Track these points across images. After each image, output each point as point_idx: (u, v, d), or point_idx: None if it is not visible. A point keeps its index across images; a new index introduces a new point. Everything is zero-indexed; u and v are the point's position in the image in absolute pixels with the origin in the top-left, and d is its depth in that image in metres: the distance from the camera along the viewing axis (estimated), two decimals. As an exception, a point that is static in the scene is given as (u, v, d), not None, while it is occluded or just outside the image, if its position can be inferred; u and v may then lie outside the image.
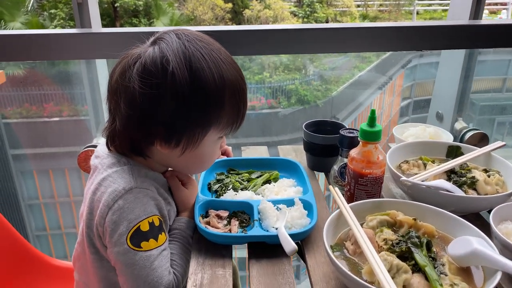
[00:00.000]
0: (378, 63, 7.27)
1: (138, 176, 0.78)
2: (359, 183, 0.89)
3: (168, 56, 0.71)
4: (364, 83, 7.30)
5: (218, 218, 0.87)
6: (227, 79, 0.74)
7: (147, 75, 0.70)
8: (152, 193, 0.78)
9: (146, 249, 0.74)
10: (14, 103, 3.46)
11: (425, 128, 1.18)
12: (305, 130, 1.09)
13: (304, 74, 8.10)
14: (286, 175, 1.05)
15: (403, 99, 7.17)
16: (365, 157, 0.88)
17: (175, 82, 0.70)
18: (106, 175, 0.77)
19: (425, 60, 6.84)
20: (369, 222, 0.80)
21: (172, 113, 0.72)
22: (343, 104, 6.96)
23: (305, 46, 1.30)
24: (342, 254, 0.75)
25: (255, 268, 0.78)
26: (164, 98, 0.71)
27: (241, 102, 0.78)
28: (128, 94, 0.72)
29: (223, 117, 0.77)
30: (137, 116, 0.73)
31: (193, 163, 0.83)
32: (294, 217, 0.85)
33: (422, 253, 0.71)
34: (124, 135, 0.77)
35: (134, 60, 0.73)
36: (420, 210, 0.82)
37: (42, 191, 3.55)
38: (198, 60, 0.72)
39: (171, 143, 0.76)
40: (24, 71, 3.02)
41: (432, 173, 0.93)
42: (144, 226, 0.74)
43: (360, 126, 0.88)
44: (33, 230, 3.57)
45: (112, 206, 0.73)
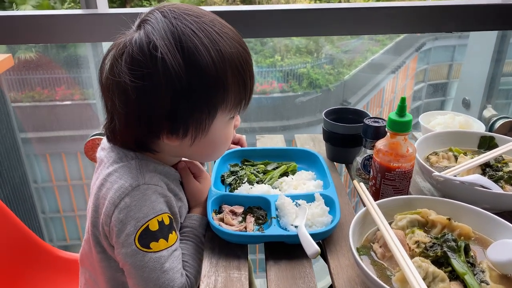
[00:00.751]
0: (391, 46, 7.10)
1: (147, 171, 0.71)
2: (386, 177, 0.82)
3: (155, 41, 0.62)
4: (377, 67, 7.14)
5: (232, 215, 0.81)
6: (226, 53, 0.65)
7: (136, 66, 0.63)
8: (161, 189, 0.71)
9: (155, 250, 0.68)
10: (25, 87, 3.43)
11: (454, 116, 1.10)
12: (325, 118, 1.02)
13: (316, 58, 7.94)
14: (305, 167, 0.97)
15: (416, 83, 7.01)
16: (393, 149, 0.81)
17: (167, 68, 0.62)
18: (112, 170, 0.71)
19: (440, 43, 6.66)
20: (398, 221, 0.73)
21: (172, 103, 0.64)
22: (355, 88, 6.83)
23: (320, 28, 1.22)
24: (370, 257, 0.68)
25: (273, 271, 0.72)
26: (160, 88, 0.63)
27: (246, 76, 0.69)
28: (121, 90, 0.64)
29: (229, 96, 0.68)
30: (135, 112, 0.66)
31: (208, 149, 0.76)
32: (314, 214, 0.78)
33: (460, 258, 0.64)
34: (126, 134, 0.71)
35: (121, 51, 0.65)
36: (455, 209, 0.75)
37: (54, 174, 3.55)
38: (190, 37, 0.63)
39: (178, 134, 0.68)
40: (36, 54, 2.98)
41: (466, 167, 0.85)
42: (153, 225, 0.68)
43: (388, 115, 0.80)
44: (48, 213, 3.59)
45: (118, 204, 0.67)
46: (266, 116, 4.34)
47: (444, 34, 5.01)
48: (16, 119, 2.43)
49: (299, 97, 6.02)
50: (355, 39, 7.24)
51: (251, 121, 3.50)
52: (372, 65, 7.20)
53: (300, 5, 1.30)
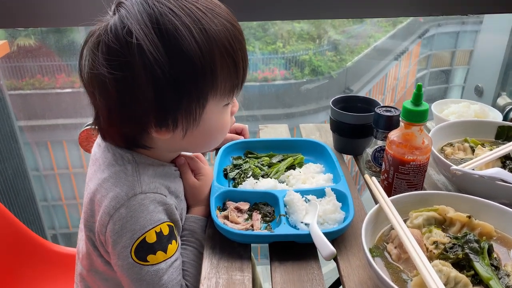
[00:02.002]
0: (394, 32, 6.99)
1: (144, 176, 0.65)
2: (400, 171, 0.76)
3: (129, 25, 0.56)
4: (379, 53, 7.05)
5: (237, 212, 0.75)
6: (212, 31, 0.58)
7: (113, 55, 0.56)
8: (160, 197, 0.65)
9: (153, 262, 0.63)
10: (26, 74, 3.37)
11: (469, 104, 1.03)
12: (333, 107, 0.96)
13: (318, 44, 7.83)
14: (312, 159, 0.92)
15: (419, 70, 6.92)
16: (407, 141, 0.75)
17: (145, 55, 0.55)
18: (107, 176, 0.65)
19: (443, 29, 6.55)
20: (414, 219, 0.68)
21: (155, 93, 0.58)
22: (357, 75, 6.75)
23: (325, 11, 1.15)
24: (384, 259, 0.63)
25: (279, 273, 0.66)
26: (139, 78, 0.57)
27: (238, 56, 0.62)
28: (101, 84, 0.59)
29: (219, 81, 0.62)
30: (117, 107, 0.60)
31: (203, 140, 0.70)
32: (326, 211, 0.73)
33: (483, 261, 0.58)
34: (112, 131, 0.65)
35: (97, 40, 0.58)
36: (475, 205, 0.69)
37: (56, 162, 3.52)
38: (168, 18, 0.56)
39: (168, 126, 0.62)
40: (35, 42, 2.92)
41: (485, 160, 0.79)
42: (151, 237, 0.63)
43: (403, 104, 0.74)
44: (49, 200, 3.57)
45: (113, 214, 0.62)
46: (268, 104, 4.28)
47: (448, 20, 4.92)
48: (14, 107, 2.38)
49: (304, 84, 5.94)
50: (358, 25, 7.14)
51: (253, 109, 3.44)
52: (375, 52, 7.10)
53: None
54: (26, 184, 2.47)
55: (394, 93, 7.49)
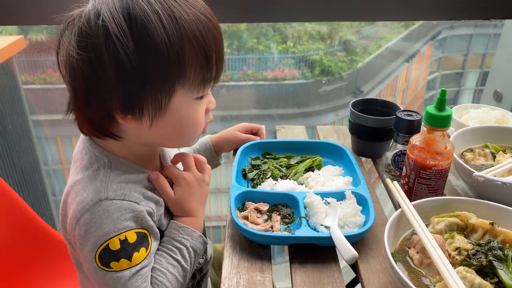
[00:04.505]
0: (406, 34, 6.94)
1: (114, 182, 0.65)
2: (421, 176, 0.76)
3: (100, 9, 0.57)
4: (390, 55, 7.00)
5: (257, 212, 0.76)
6: (182, 20, 0.58)
7: (83, 37, 0.58)
8: (128, 204, 0.64)
9: (116, 269, 0.63)
10: (38, 69, 3.39)
11: (490, 110, 1.03)
12: (352, 109, 0.95)
13: (329, 45, 7.81)
14: (331, 162, 0.92)
15: (431, 72, 6.87)
16: (429, 146, 0.75)
17: (110, 38, 0.56)
18: (79, 179, 0.65)
19: (456, 32, 6.48)
20: (436, 225, 0.68)
21: (118, 75, 0.58)
22: (368, 76, 6.72)
23: (335, 13, 1.14)
24: (405, 264, 0.63)
25: (299, 275, 0.67)
26: (103, 59, 0.57)
27: (209, 48, 0.61)
28: (69, 65, 0.60)
29: (187, 71, 0.61)
30: (82, 88, 0.60)
31: (172, 133, 0.67)
32: (346, 214, 0.73)
33: (508, 269, 0.58)
34: (80, 116, 0.64)
35: (72, 25, 0.60)
36: (497, 212, 0.69)
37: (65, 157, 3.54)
38: (139, 4, 0.57)
39: (134, 113, 0.61)
40: (47, 36, 2.94)
41: (508, 167, 0.79)
42: (114, 244, 0.62)
43: (426, 108, 0.74)
44: (57, 195, 3.60)
45: (79, 219, 0.62)
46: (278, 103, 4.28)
47: (461, 23, 4.87)
48: (27, 102, 2.40)
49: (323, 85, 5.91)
50: (370, 26, 7.11)
51: (262, 108, 3.43)
52: (386, 53, 7.05)
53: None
54: (39, 180, 2.49)
55: (405, 95, 7.43)
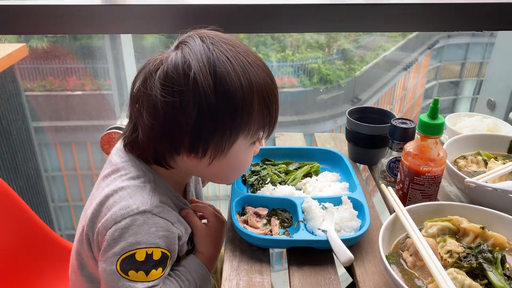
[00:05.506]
0: (403, 43, 7.01)
1: (159, 200, 0.70)
2: (415, 182, 0.78)
3: (190, 61, 0.64)
4: (388, 64, 7.06)
5: (256, 217, 0.78)
6: (256, 82, 0.67)
7: (169, 82, 0.64)
8: (165, 223, 0.69)
9: (131, 279, 0.66)
10: (37, 76, 3.43)
11: (482, 118, 1.06)
12: (349, 117, 0.98)
13: (327, 53, 7.87)
14: (328, 168, 0.95)
15: (428, 81, 6.92)
16: (423, 152, 0.77)
17: (197, 88, 0.63)
18: (126, 185, 0.69)
19: (453, 41, 6.55)
20: (429, 229, 0.70)
21: (196, 121, 0.65)
22: (366, 84, 6.76)
23: (333, 24, 1.17)
24: (399, 266, 0.65)
25: (297, 277, 0.69)
26: (187, 105, 0.64)
27: (272, 107, 0.70)
28: (151, 103, 0.66)
29: (252, 124, 0.69)
30: (161, 125, 0.66)
31: (225, 172, 0.76)
32: (343, 218, 0.76)
33: (497, 271, 0.61)
34: (147, 146, 0.70)
35: (156, 67, 0.66)
36: (488, 217, 0.72)
37: (64, 164, 3.56)
38: (223, 63, 0.65)
39: (197, 153, 0.68)
40: (48, 44, 2.98)
41: (498, 173, 0.82)
42: (140, 255, 0.66)
43: (419, 117, 0.77)
44: (57, 201, 3.61)
45: (119, 222, 0.66)
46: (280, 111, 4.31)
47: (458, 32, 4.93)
48: (29, 108, 2.42)
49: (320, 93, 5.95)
50: (367, 35, 7.18)
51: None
52: (384, 62, 7.11)
53: (317, 0, 1.26)
54: (40, 186, 2.50)
55: (403, 104, 7.48)
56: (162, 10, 1.09)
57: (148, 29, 1.12)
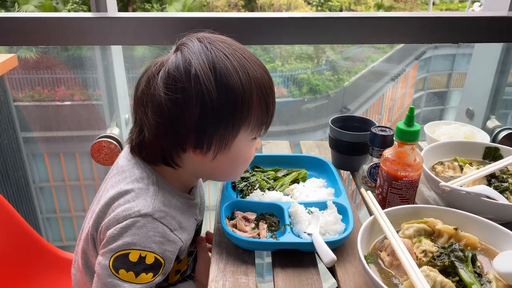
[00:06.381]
0: (391, 54, 7.14)
1: (161, 203, 0.73)
2: (393, 186, 0.82)
3: (190, 60, 0.68)
4: (376, 74, 7.18)
5: (245, 221, 0.81)
6: (253, 76, 0.71)
7: (172, 80, 0.68)
8: (164, 230, 0.72)
9: (121, 277, 0.69)
10: (26, 87, 3.43)
11: (460, 126, 1.11)
12: (332, 126, 1.02)
13: (316, 64, 7.98)
14: (315, 174, 0.98)
15: (416, 90, 7.04)
16: (400, 158, 0.81)
17: (199, 83, 0.67)
18: (131, 188, 0.73)
19: (440, 51, 6.69)
20: (406, 230, 0.74)
21: (200, 116, 0.69)
22: (355, 94, 6.86)
23: (324, 37, 1.23)
24: (377, 265, 0.69)
25: (281, 278, 0.72)
26: (191, 101, 0.68)
27: (269, 100, 0.74)
28: (155, 102, 0.69)
29: (252, 116, 0.73)
30: (166, 123, 0.70)
31: (228, 167, 0.79)
32: (328, 222, 0.79)
33: (467, 268, 0.65)
34: (154, 145, 0.74)
35: (158, 68, 0.70)
36: (461, 219, 0.76)
37: (52, 174, 3.55)
38: (222, 60, 0.69)
39: (202, 147, 0.72)
40: (37, 54, 2.99)
41: (472, 178, 0.86)
42: (134, 256, 0.69)
43: (396, 125, 0.81)
44: (44, 212, 3.58)
45: (121, 222, 0.70)
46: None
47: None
48: (19, 119, 2.43)
49: (304, 103, 6.02)
50: (356, 46, 7.28)
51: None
52: (372, 73, 7.23)
53: (305, 13, 1.31)
54: (28, 197, 2.50)
55: (391, 113, 7.57)
56: (152, 22, 1.13)
57: (139, 41, 1.15)
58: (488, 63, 1.37)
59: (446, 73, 6.75)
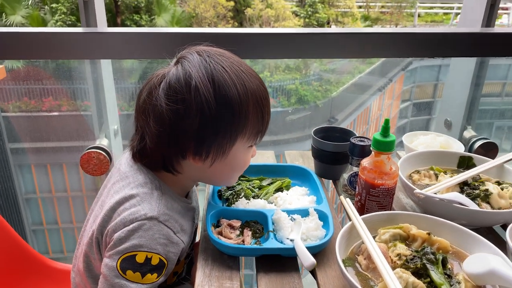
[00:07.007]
0: (378, 64, 7.27)
1: (165, 207, 0.77)
2: (371, 194, 0.87)
3: (191, 72, 0.73)
4: (364, 85, 7.29)
5: (230, 228, 0.85)
6: (250, 88, 0.75)
7: (173, 92, 0.72)
8: (169, 232, 0.76)
9: (128, 278, 0.73)
10: (13, 97, 3.42)
11: (436, 137, 1.16)
12: (314, 136, 1.07)
13: (304, 75, 8.09)
14: (298, 183, 1.02)
15: (403, 101, 7.16)
16: (377, 167, 0.86)
17: (199, 95, 0.71)
18: (136, 193, 0.76)
19: (426, 62, 6.82)
20: (382, 235, 0.78)
21: (200, 125, 0.73)
22: (342, 105, 6.95)
23: (308, 51, 1.28)
24: (355, 269, 0.73)
25: (264, 282, 0.76)
26: (191, 111, 0.72)
27: (264, 110, 0.79)
28: (157, 112, 0.73)
29: (248, 126, 0.77)
30: (167, 132, 0.74)
31: (225, 172, 0.83)
32: (309, 228, 0.83)
33: (438, 270, 0.69)
34: (156, 152, 0.77)
35: (160, 80, 0.75)
36: (434, 224, 0.80)
37: (39, 186, 3.52)
38: (220, 72, 0.73)
39: (201, 155, 0.76)
40: (24, 66, 3.00)
41: (445, 185, 0.91)
42: (140, 258, 0.73)
43: (373, 135, 0.86)
44: (30, 225, 3.55)
45: (128, 225, 0.73)
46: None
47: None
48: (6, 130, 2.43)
49: (289, 113, 6.08)
50: (343, 57, 7.30)
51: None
52: (359, 83, 7.34)
53: (294, 29, 1.36)
54: (16, 208, 2.49)
55: (378, 123, 7.66)
56: (140, 37, 1.17)
57: (128, 55, 1.19)
58: (463, 76, 1.44)
59: (432, 83, 6.87)
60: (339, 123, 6.25)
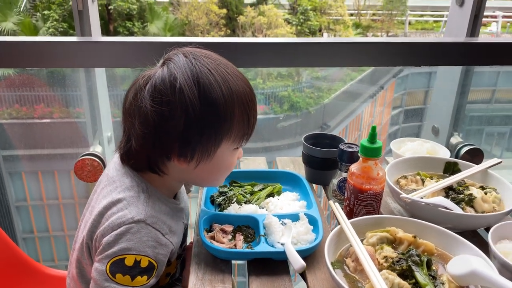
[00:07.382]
0: (370, 72, 7.34)
1: (153, 210, 0.77)
2: (359, 198, 0.89)
3: (176, 74, 0.73)
4: (355, 92, 7.35)
5: (223, 233, 0.87)
6: (235, 91, 0.75)
7: (158, 94, 0.72)
8: (157, 235, 0.76)
9: (118, 281, 0.73)
10: (4, 104, 3.41)
11: (423, 143, 1.19)
12: (305, 143, 1.10)
13: (296, 82, 8.15)
14: (289, 188, 1.05)
15: (394, 108, 7.23)
16: (365, 172, 0.89)
17: (183, 97, 0.72)
18: (122, 197, 0.77)
19: (417, 69, 6.89)
20: (369, 238, 0.81)
21: (184, 127, 0.73)
22: (334, 111, 7.01)
23: (299, 60, 1.31)
24: (343, 271, 0.75)
25: (255, 285, 0.78)
26: (175, 113, 0.72)
27: (250, 113, 0.79)
28: (142, 114, 0.74)
29: (233, 129, 0.77)
30: (152, 134, 0.74)
31: (211, 174, 0.83)
32: (299, 232, 0.86)
33: (422, 271, 0.71)
34: (141, 153, 0.78)
35: (145, 82, 0.75)
36: (420, 228, 0.83)
37: (30, 193, 3.50)
38: (205, 75, 0.73)
39: (186, 156, 0.76)
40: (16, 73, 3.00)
41: (431, 190, 0.94)
42: (129, 261, 0.73)
43: (360, 142, 0.88)
44: (21, 232, 3.52)
45: (116, 229, 0.74)
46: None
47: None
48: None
49: (280, 120, 6.12)
50: (335, 64, 7.35)
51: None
52: (351, 90, 7.40)
53: (287, 39, 1.40)
54: (6, 215, 2.48)
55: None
56: (134, 46, 1.19)
57: (122, 63, 1.21)
58: (450, 84, 1.48)
59: (423, 90, 6.95)
60: (332, 129, 6.30)
